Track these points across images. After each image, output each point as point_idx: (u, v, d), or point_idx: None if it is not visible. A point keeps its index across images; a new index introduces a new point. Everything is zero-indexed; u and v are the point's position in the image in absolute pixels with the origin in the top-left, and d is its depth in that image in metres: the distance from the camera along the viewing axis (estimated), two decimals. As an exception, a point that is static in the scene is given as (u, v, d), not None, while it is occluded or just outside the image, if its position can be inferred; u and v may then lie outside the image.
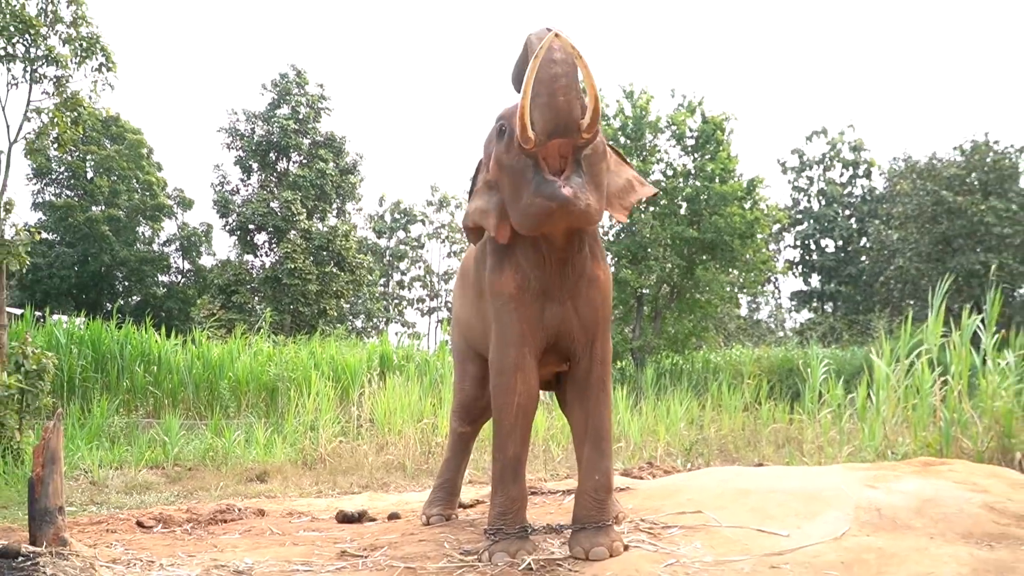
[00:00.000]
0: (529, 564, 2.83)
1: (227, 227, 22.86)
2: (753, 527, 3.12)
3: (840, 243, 28.76)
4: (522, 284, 3.00)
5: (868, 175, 29.28)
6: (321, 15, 64.51)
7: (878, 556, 2.75)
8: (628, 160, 3.23)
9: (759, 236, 15.95)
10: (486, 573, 2.77)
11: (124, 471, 6.14)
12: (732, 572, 2.67)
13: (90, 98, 6.86)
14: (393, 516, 4.04)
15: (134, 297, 24.70)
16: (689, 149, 16.15)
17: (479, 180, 3.14)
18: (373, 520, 4.00)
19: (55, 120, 6.50)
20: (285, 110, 22.93)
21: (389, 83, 59.86)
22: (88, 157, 23.85)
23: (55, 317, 10.54)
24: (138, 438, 7.20)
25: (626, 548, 2.96)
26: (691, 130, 16.01)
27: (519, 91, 2.73)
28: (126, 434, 7.54)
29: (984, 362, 5.69)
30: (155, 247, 25.75)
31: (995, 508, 3.19)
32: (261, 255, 23.20)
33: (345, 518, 3.97)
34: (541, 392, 3.45)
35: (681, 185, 15.70)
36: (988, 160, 21.26)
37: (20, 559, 2.42)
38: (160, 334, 10.15)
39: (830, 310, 28.24)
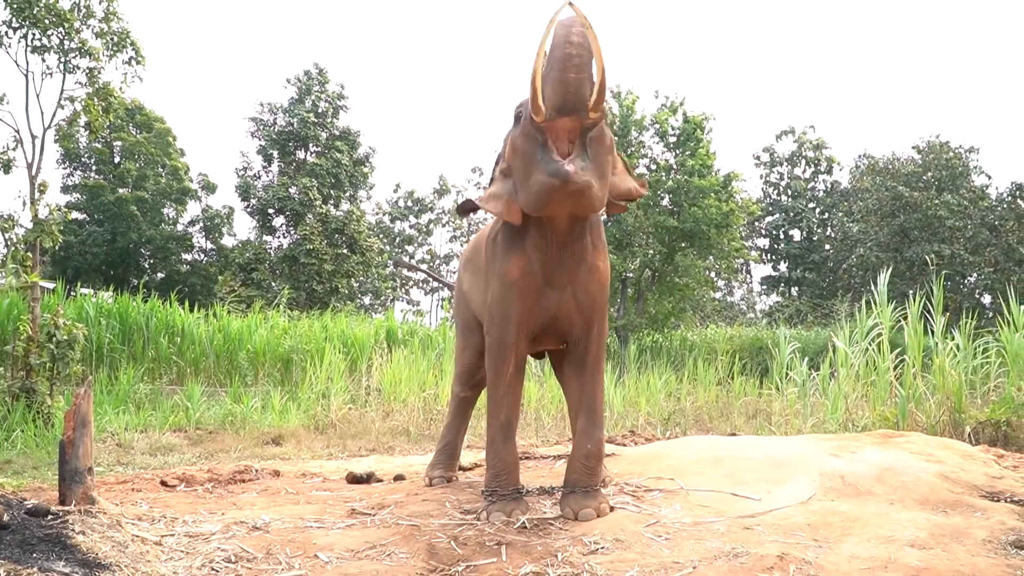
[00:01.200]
0: (524, 523, 2.81)
1: (248, 210, 22.71)
2: (727, 491, 3.11)
3: (806, 233, 28.78)
4: (526, 269, 2.94)
5: (830, 171, 29.24)
6: (339, 14, 63.70)
7: (842, 519, 2.74)
8: (632, 171, 3.12)
9: (739, 228, 15.94)
10: (484, 531, 2.75)
11: (149, 434, 6.09)
12: (709, 532, 2.66)
13: (120, 89, 6.69)
14: (399, 477, 4.02)
15: (159, 274, 24.48)
16: (671, 146, 16.07)
17: (496, 170, 3.08)
18: (380, 481, 3.97)
19: (87, 108, 6.34)
20: (306, 104, 22.68)
21: (405, 80, 59.24)
22: (116, 143, 23.55)
23: (84, 291, 10.39)
24: (162, 404, 7.15)
25: (612, 510, 2.95)
26: (673, 128, 15.92)
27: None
28: (151, 400, 7.49)
29: (935, 343, 5.70)
30: (180, 227, 25.50)
31: (949, 477, 3.18)
32: (279, 236, 23.06)
33: (354, 479, 3.94)
34: (533, 364, 3.47)
35: (663, 179, 15.64)
36: (943, 159, 21.23)
37: (50, 517, 2.37)
38: (184, 308, 10.07)
39: (796, 294, 28.29)
